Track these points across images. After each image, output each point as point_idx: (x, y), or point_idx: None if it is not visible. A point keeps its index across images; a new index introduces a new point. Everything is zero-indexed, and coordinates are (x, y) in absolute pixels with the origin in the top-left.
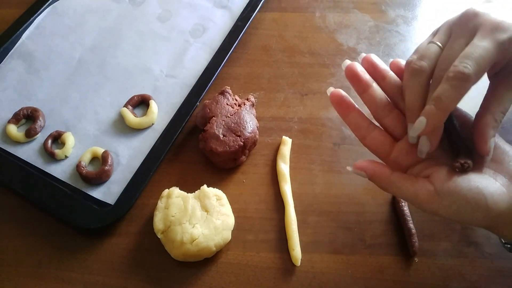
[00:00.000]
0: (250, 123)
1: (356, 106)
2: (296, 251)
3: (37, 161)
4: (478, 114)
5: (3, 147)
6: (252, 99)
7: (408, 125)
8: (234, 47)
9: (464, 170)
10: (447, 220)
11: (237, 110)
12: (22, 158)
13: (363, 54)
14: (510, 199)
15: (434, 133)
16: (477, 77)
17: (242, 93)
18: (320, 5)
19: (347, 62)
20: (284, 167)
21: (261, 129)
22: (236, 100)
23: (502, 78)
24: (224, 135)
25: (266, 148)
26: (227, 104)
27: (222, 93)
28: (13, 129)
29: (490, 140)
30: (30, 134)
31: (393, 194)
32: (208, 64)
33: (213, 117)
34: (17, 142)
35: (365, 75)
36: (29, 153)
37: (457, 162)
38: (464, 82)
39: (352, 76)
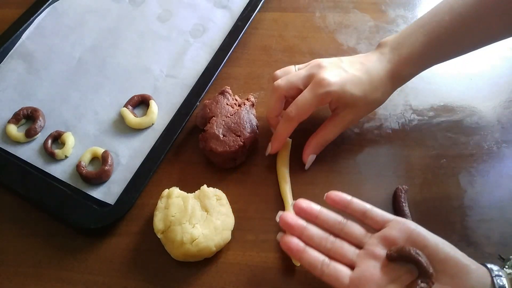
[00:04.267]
0: (250, 123)
1: (307, 246)
2: None
3: (37, 161)
4: (311, 136)
5: (3, 147)
6: (252, 99)
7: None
8: (234, 47)
9: None
10: (448, 220)
11: (237, 110)
12: (22, 158)
13: (293, 202)
14: None
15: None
16: (300, 116)
17: (242, 93)
18: (320, 5)
19: (280, 213)
20: (284, 168)
21: (261, 129)
22: (236, 100)
23: (333, 115)
24: (224, 135)
25: (266, 148)
26: (227, 104)
27: (222, 93)
28: (13, 129)
29: (309, 156)
30: (30, 134)
31: None
32: (208, 64)
33: (213, 117)
34: (17, 142)
35: (297, 221)
36: (29, 153)
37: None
38: (289, 121)
39: (285, 226)
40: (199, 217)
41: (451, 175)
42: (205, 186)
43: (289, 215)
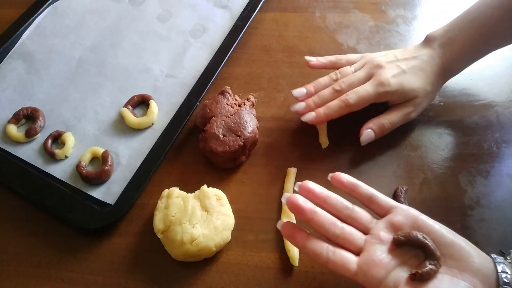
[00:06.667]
0: (250, 123)
1: (309, 233)
2: (293, 251)
3: (37, 161)
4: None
5: (3, 147)
6: (252, 99)
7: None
8: (234, 47)
9: (418, 279)
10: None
11: (237, 110)
12: (22, 158)
13: (299, 183)
14: None
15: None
16: (356, 106)
17: (242, 93)
18: (320, 5)
19: (287, 195)
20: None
21: (261, 129)
22: (236, 100)
23: (393, 107)
24: (224, 135)
25: (266, 148)
26: (227, 104)
27: (222, 93)
28: (13, 129)
29: (366, 131)
30: (30, 134)
31: None
32: (208, 64)
33: (213, 117)
34: (17, 142)
35: (307, 204)
36: (29, 153)
37: (412, 273)
38: (347, 107)
39: (295, 208)
40: (199, 217)
41: (451, 175)
42: (205, 186)
43: (298, 197)
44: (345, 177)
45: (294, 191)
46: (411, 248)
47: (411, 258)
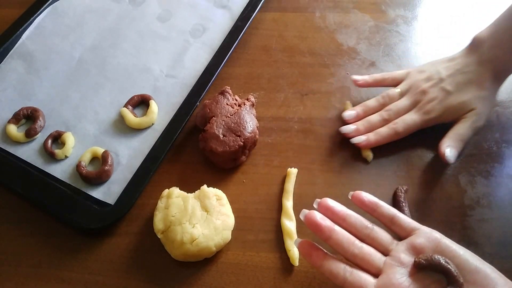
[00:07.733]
0: (250, 123)
1: (327, 252)
2: (293, 251)
3: (37, 161)
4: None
5: (3, 147)
6: (252, 99)
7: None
8: (234, 47)
9: None
10: (448, 220)
11: (237, 110)
12: (22, 158)
13: (318, 200)
14: None
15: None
16: (404, 134)
17: (242, 93)
18: (320, 5)
19: (305, 211)
20: (288, 205)
21: (261, 129)
22: (236, 100)
23: (459, 119)
24: (224, 135)
25: (266, 148)
26: (227, 104)
27: (222, 93)
28: (13, 129)
29: (447, 149)
30: (30, 134)
31: None
32: (208, 64)
33: (213, 117)
34: (17, 142)
35: (326, 222)
36: (29, 153)
37: None
38: (396, 135)
39: (313, 226)
40: (199, 217)
41: (451, 175)
42: (205, 186)
43: (317, 214)
44: (367, 196)
45: (313, 208)
46: (432, 273)
47: (433, 283)
